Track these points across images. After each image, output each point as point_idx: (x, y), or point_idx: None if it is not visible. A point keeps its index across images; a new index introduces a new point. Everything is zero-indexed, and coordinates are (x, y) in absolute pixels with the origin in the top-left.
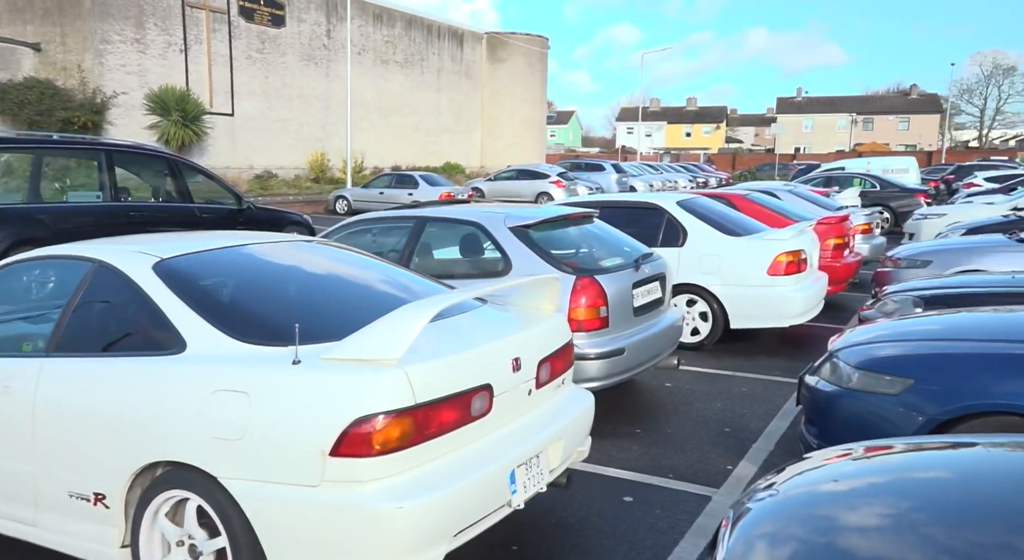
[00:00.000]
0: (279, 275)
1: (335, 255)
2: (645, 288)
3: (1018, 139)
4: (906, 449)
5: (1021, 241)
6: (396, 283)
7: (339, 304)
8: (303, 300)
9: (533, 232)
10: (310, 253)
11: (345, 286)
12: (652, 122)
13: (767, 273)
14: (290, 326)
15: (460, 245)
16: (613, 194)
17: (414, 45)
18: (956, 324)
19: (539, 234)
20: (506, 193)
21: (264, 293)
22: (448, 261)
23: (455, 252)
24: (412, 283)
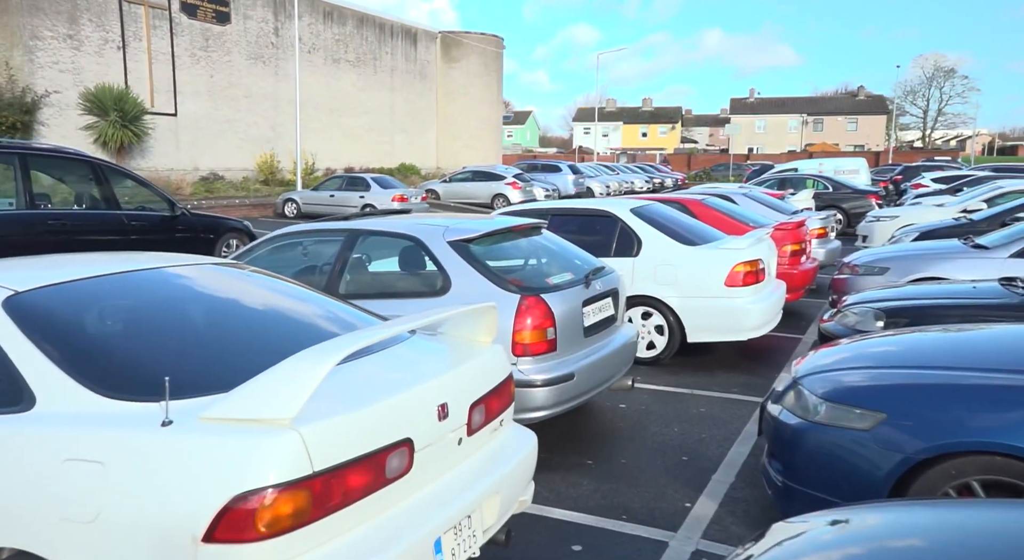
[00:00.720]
0: (165, 310)
1: (241, 282)
2: (596, 305)
3: (958, 139)
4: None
5: (976, 247)
6: (311, 317)
7: (234, 346)
8: (189, 342)
9: (475, 247)
10: (211, 280)
11: (246, 322)
12: (609, 122)
13: (724, 284)
14: (165, 375)
15: (396, 261)
16: (565, 201)
17: (366, 44)
18: (927, 348)
19: (481, 249)
20: (461, 195)
21: (141, 334)
22: (383, 279)
23: (391, 269)
24: (331, 315)
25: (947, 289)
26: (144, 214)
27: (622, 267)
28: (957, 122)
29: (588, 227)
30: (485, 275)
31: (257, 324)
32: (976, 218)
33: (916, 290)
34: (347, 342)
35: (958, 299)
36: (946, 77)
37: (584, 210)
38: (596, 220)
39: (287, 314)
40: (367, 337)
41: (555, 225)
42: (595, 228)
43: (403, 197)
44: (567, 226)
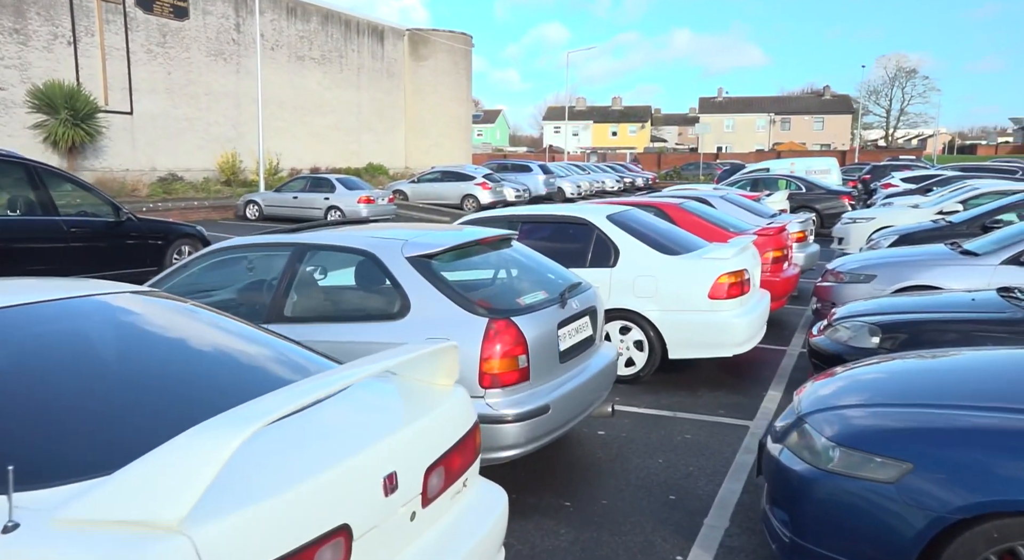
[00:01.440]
0: (31, 359)
1: (147, 318)
2: (573, 326)
3: (919, 138)
4: None
5: (965, 253)
6: (234, 364)
7: (127, 408)
8: (62, 403)
9: (437, 263)
10: (106, 317)
11: (147, 374)
12: (578, 121)
13: (708, 297)
14: (15, 451)
15: (349, 279)
16: (536, 207)
17: (332, 41)
18: (949, 379)
19: (444, 265)
20: (430, 196)
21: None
22: (334, 300)
23: (343, 288)
24: (260, 361)
25: (944, 301)
26: (85, 220)
27: (599, 278)
28: (918, 121)
29: (561, 235)
30: (448, 295)
31: (162, 376)
32: (955, 221)
33: (910, 302)
34: (265, 408)
35: (957, 313)
36: (908, 77)
37: (557, 217)
38: (570, 228)
39: (204, 360)
40: (294, 398)
41: (526, 233)
42: (569, 236)
43: (369, 198)
44: (539, 234)
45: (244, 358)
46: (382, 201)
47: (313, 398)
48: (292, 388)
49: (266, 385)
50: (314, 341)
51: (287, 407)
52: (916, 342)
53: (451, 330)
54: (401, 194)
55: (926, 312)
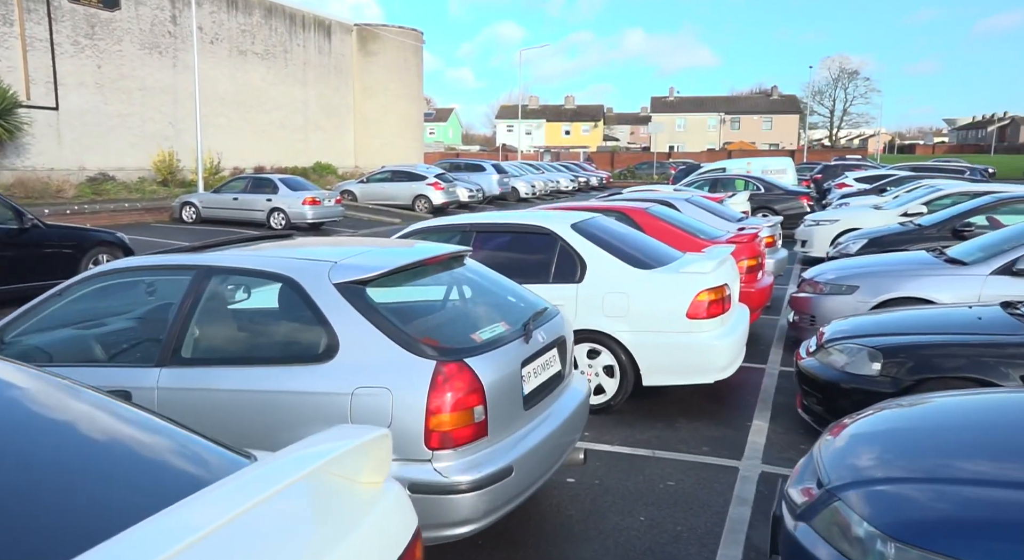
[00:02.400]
0: None
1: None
2: (540, 362)
3: (861, 138)
4: None
5: (951, 262)
6: (82, 470)
7: None
8: None
9: (373, 290)
10: None
11: None
12: (531, 120)
13: (687, 316)
14: None
15: (264, 311)
16: (493, 214)
17: (275, 35)
18: (1005, 435)
19: (383, 293)
20: (380, 196)
21: None
22: (243, 339)
23: (255, 323)
24: (120, 463)
25: (946, 320)
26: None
27: (563, 296)
28: (860, 121)
29: (521, 246)
30: (387, 331)
31: None
32: (924, 224)
33: (908, 320)
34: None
35: (966, 335)
36: (850, 78)
37: (516, 226)
38: (530, 238)
39: (33, 476)
40: (164, 539)
41: (481, 243)
42: (530, 248)
43: (315, 200)
44: (496, 245)
45: (97, 464)
46: (328, 202)
47: (190, 541)
48: (161, 520)
49: (122, 515)
50: (218, 390)
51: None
52: (923, 368)
53: (390, 376)
54: (349, 195)
55: (929, 333)
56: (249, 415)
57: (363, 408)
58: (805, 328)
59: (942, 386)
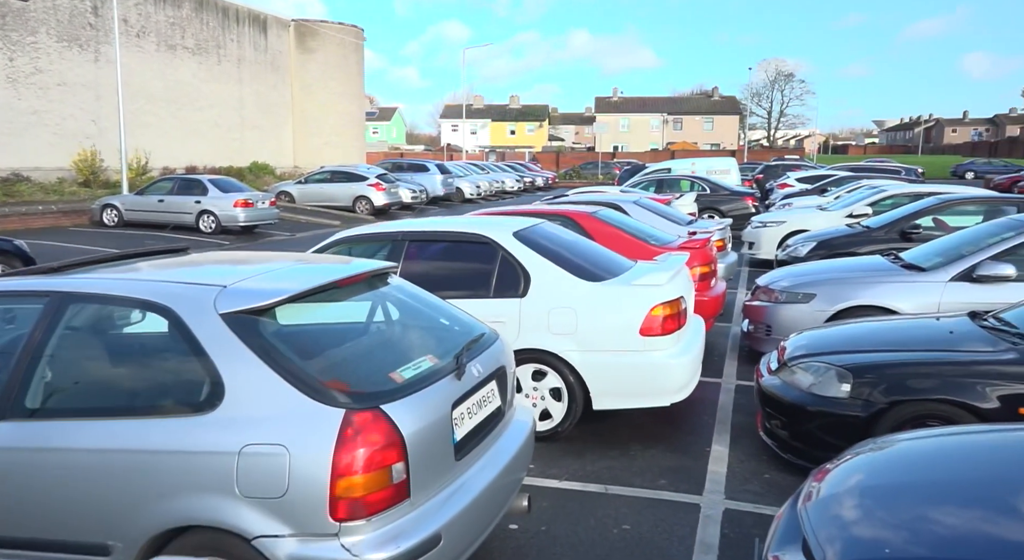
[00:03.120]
0: None
1: None
2: (476, 399)
3: (797, 139)
4: None
5: (909, 268)
6: None
7: None
8: None
9: (269, 321)
10: None
11: None
12: (476, 120)
13: (640, 333)
14: None
15: (132, 349)
16: (428, 221)
17: (207, 29)
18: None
19: (282, 324)
20: (319, 198)
21: None
22: (107, 384)
23: (122, 363)
24: None
25: (915, 332)
26: None
27: (505, 312)
28: (796, 122)
29: (459, 257)
30: (285, 373)
31: None
32: (872, 226)
33: (874, 333)
34: None
35: (939, 352)
36: (786, 80)
37: (452, 234)
38: (469, 248)
39: None
40: None
41: (414, 254)
42: (468, 259)
43: (248, 202)
44: (429, 254)
45: None
46: (262, 204)
47: None
48: None
49: None
50: (71, 450)
51: None
52: (896, 389)
53: (287, 430)
54: (287, 196)
55: (899, 349)
56: (108, 482)
57: (253, 470)
58: (761, 338)
59: (917, 409)
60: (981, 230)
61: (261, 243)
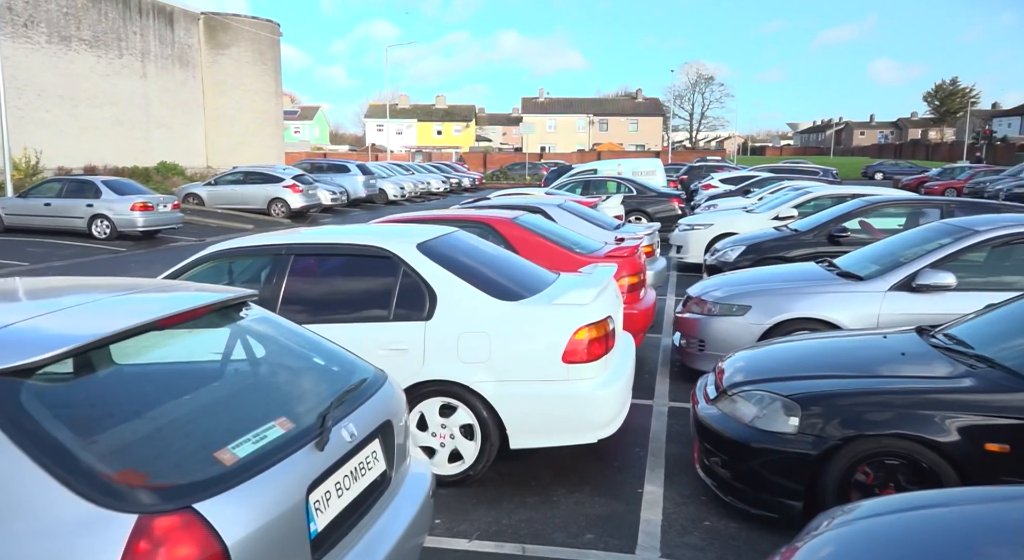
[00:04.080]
0: None
1: None
2: (347, 471)
3: (717, 140)
4: None
5: (845, 276)
6: None
7: None
8: None
9: (45, 385)
10: None
11: None
12: (402, 120)
13: (563, 360)
14: None
15: None
16: (320, 231)
17: (106, 21)
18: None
19: (68, 386)
20: (230, 200)
21: None
22: None
23: None
24: None
25: (864, 353)
26: None
27: (408, 338)
28: (717, 124)
29: (353, 274)
30: (50, 465)
31: None
32: (800, 229)
33: (823, 353)
34: None
35: (894, 379)
36: (707, 83)
37: (346, 247)
38: (365, 263)
39: None
40: None
41: (303, 270)
42: (364, 275)
43: (146, 205)
44: (319, 271)
45: None
46: (164, 207)
47: None
48: None
49: None
50: None
51: None
52: (850, 423)
53: (55, 546)
54: (195, 198)
55: (849, 375)
56: None
57: None
58: (694, 354)
59: (872, 446)
60: (915, 236)
61: (163, 249)
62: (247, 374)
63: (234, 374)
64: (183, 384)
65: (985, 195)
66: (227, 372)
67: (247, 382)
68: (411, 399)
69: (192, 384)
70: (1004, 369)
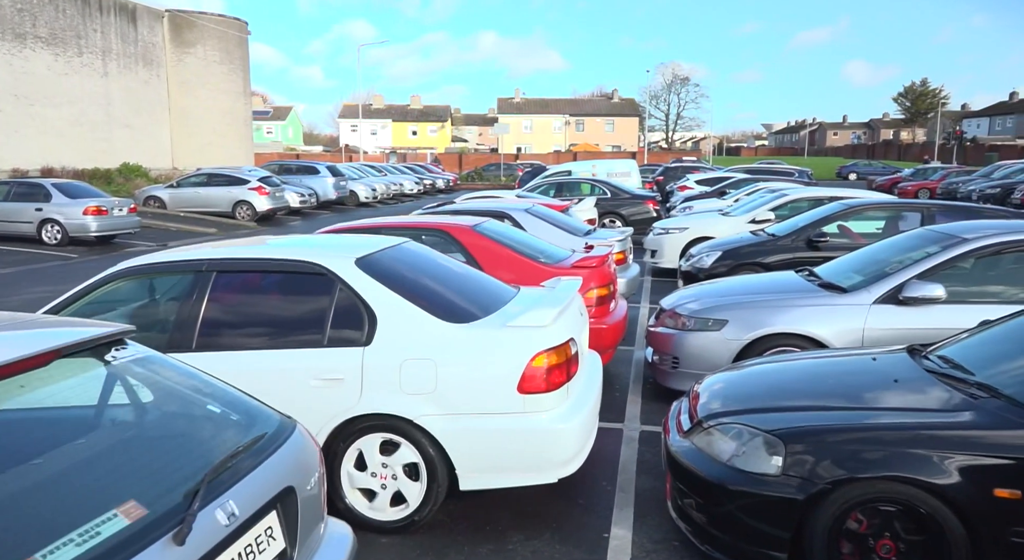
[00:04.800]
0: None
1: None
2: (229, 556)
3: (693, 141)
4: None
5: (828, 287)
6: None
7: None
8: None
9: None
10: None
11: None
12: (376, 120)
13: (519, 390)
14: None
15: None
16: (244, 244)
17: (64, 18)
18: None
19: None
20: (193, 203)
21: None
22: None
23: None
24: None
25: (853, 379)
26: None
27: (344, 366)
28: (692, 125)
29: (283, 292)
30: None
31: None
32: (778, 233)
33: (807, 377)
34: None
35: (887, 411)
36: (682, 84)
37: (276, 263)
38: (296, 280)
39: None
40: None
41: (222, 289)
42: (295, 295)
43: (100, 209)
44: (245, 290)
45: None
46: (120, 211)
47: None
48: None
49: None
50: None
51: None
52: (840, 464)
53: None
54: (157, 201)
55: (837, 406)
56: None
57: None
58: (667, 372)
59: (866, 490)
60: (898, 244)
61: (117, 255)
62: (100, 438)
63: (82, 440)
64: (15, 451)
65: (958, 196)
66: (70, 437)
67: (95, 450)
68: (348, 435)
69: (13, 457)
70: (1009, 400)
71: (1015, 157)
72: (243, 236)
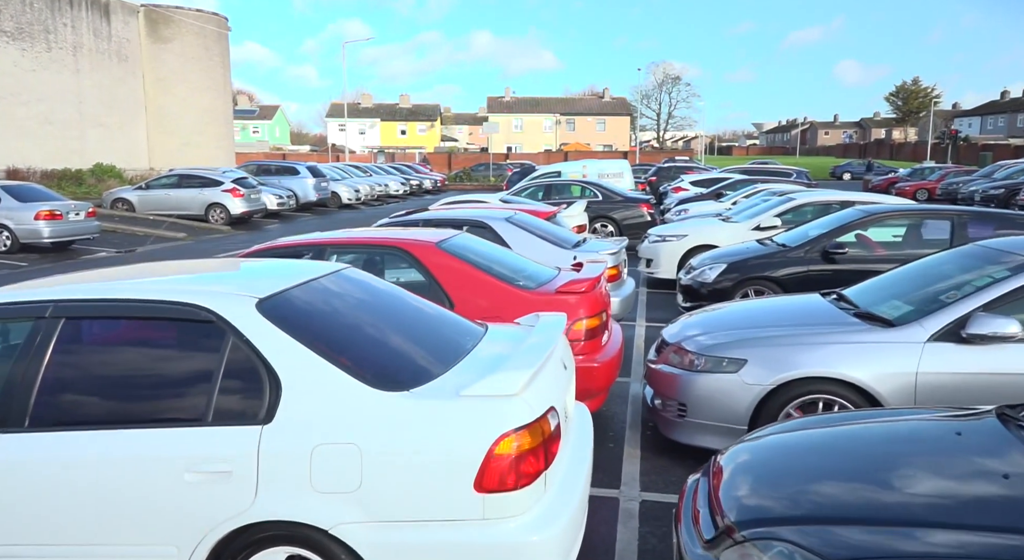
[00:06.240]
0: None
1: None
2: None
3: (685, 140)
4: None
5: (867, 318)
6: None
7: None
8: None
9: None
10: None
11: None
12: (365, 119)
13: (476, 487)
14: None
15: None
16: (108, 278)
17: (31, 12)
18: None
19: None
20: (164, 206)
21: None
22: None
23: None
24: None
25: (938, 462)
26: None
27: (233, 453)
28: (684, 124)
29: (155, 347)
30: None
31: None
32: (788, 244)
33: (861, 451)
34: None
35: (995, 533)
36: (674, 83)
37: (146, 305)
38: (175, 331)
39: None
40: None
41: (72, 341)
42: (171, 350)
43: (54, 213)
44: (103, 342)
45: None
46: (76, 216)
47: None
48: None
49: None
50: None
51: None
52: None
53: None
54: (125, 204)
55: (928, 521)
56: None
57: None
58: (672, 421)
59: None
60: (946, 262)
61: (72, 263)
62: None
63: None
64: None
65: (960, 197)
66: None
67: None
68: (238, 550)
69: None
70: None
71: (1008, 156)
72: (214, 241)
